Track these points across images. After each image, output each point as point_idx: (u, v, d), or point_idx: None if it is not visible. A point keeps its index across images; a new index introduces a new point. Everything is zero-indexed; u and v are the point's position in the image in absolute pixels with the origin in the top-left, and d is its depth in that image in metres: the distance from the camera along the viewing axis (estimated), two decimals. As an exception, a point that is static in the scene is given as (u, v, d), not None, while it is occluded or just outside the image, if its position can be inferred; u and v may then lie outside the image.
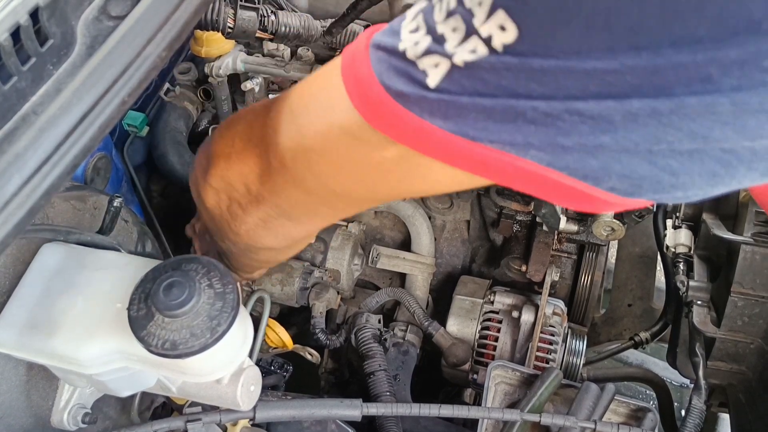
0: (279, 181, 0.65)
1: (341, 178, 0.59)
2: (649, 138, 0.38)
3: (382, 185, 0.57)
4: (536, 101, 0.39)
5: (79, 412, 0.87)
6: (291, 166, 0.62)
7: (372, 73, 0.47)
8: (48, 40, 0.58)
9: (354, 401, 0.86)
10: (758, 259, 1.03)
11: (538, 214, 1.18)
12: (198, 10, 0.66)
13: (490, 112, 0.41)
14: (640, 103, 0.37)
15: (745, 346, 1.08)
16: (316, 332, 1.34)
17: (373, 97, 0.47)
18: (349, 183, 0.59)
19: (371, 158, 0.53)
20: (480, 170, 0.45)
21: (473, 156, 0.44)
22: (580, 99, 0.38)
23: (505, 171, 0.43)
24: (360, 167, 0.56)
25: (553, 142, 0.40)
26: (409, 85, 0.44)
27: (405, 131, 0.46)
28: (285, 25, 1.10)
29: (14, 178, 0.53)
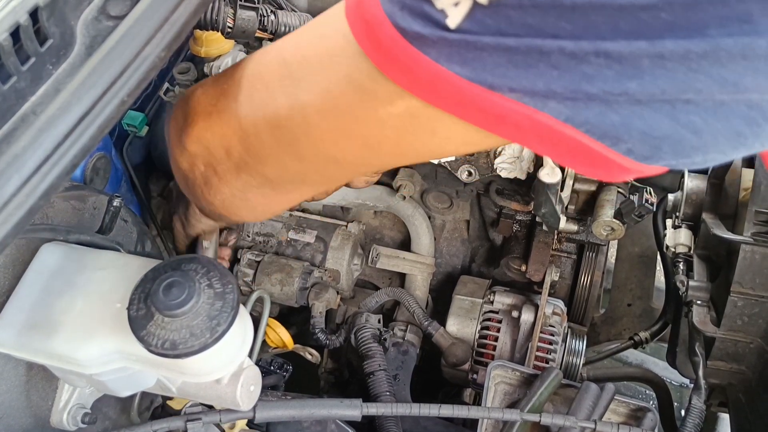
0: (268, 144, 0.58)
1: (340, 138, 0.53)
2: (677, 85, 0.36)
3: (388, 145, 0.52)
4: (563, 41, 0.37)
5: (79, 412, 0.87)
6: (286, 128, 0.55)
7: (383, 14, 0.42)
8: (47, 40, 0.58)
9: (354, 401, 0.86)
10: (758, 259, 1.03)
11: (538, 213, 1.17)
12: (197, 9, 0.66)
13: (512, 55, 0.38)
14: (672, 44, 0.35)
15: (745, 346, 1.08)
16: (316, 332, 1.34)
17: (385, 40, 0.42)
18: (348, 145, 0.54)
19: (377, 114, 0.48)
20: (495, 125, 0.42)
21: (489, 108, 0.41)
22: (609, 39, 0.36)
23: (521, 125, 0.41)
24: (363, 125, 0.50)
25: (576, 89, 0.38)
26: (426, 26, 0.40)
27: (419, 78, 0.42)
28: (285, 24, 1.10)
29: (13, 178, 0.53)
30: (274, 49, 0.57)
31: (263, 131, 0.57)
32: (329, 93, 0.50)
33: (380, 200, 1.43)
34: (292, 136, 0.55)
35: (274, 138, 0.57)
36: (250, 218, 0.70)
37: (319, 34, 0.52)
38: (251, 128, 0.59)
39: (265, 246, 1.46)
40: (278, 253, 1.45)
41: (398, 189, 1.39)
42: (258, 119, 0.58)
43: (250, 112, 0.58)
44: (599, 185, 1.23)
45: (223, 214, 0.69)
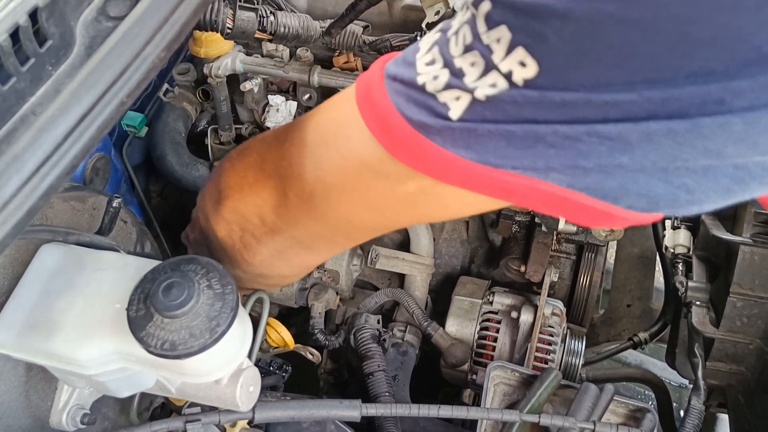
0: (297, 213, 0.65)
1: (362, 211, 0.59)
2: (666, 156, 0.40)
3: (404, 215, 0.58)
4: (557, 125, 0.41)
5: (78, 412, 0.87)
6: (309, 201, 0.62)
7: (391, 105, 0.47)
8: (47, 41, 0.58)
9: (353, 402, 0.86)
10: (757, 260, 1.03)
11: (537, 214, 1.18)
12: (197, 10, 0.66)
13: (511, 139, 0.42)
14: (657, 125, 0.38)
15: (744, 347, 1.08)
16: (315, 333, 1.34)
17: (394, 129, 0.47)
18: (370, 216, 0.60)
19: (394, 191, 0.53)
20: (503, 195, 0.46)
21: (496, 182, 0.45)
22: (600, 123, 0.39)
23: (528, 195, 0.45)
24: (382, 200, 0.56)
25: (573, 165, 0.42)
26: (431, 117, 0.45)
27: (428, 162, 0.46)
28: (284, 25, 1.10)
29: (13, 179, 0.53)
30: (296, 128, 0.64)
31: (292, 201, 0.64)
32: (346, 173, 0.56)
33: (380, 201, 1.43)
34: (316, 206, 0.61)
35: (301, 207, 0.63)
36: (288, 272, 0.77)
37: (335, 118, 0.58)
38: (281, 199, 0.65)
39: (264, 247, 1.45)
40: (278, 253, 1.44)
41: (398, 190, 1.40)
42: (286, 191, 0.64)
43: (278, 185, 0.65)
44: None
45: (263, 272, 0.76)
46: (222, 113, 1.35)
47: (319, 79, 1.20)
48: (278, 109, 1.29)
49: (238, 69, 1.26)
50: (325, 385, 1.45)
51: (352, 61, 1.22)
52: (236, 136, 1.41)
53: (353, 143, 0.53)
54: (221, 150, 1.42)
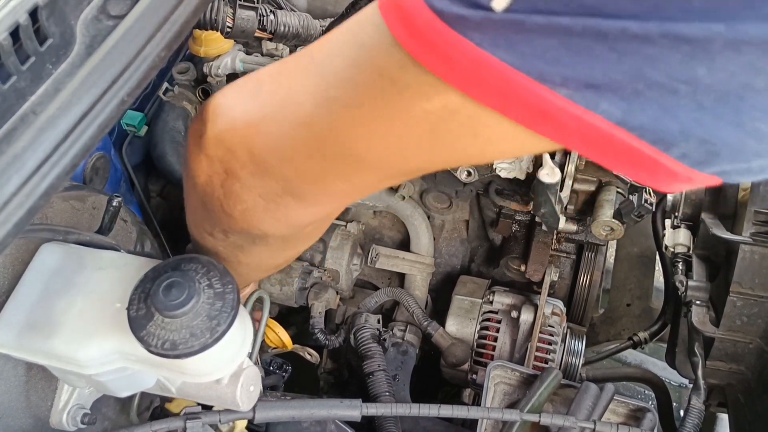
0: (290, 142, 0.55)
1: (368, 136, 0.48)
2: (749, 70, 0.33)
3: (418, 148, 0.47)
4: (627, 21, 0.33)
5: (78, 412, 0.87)
6: (308, 127, 0.51)
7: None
8: (47, 40, 0.58)
9: (353, 401, 0.86)
10: (757, 259, 1.03)
11: (537, 213, 1.17)
12: (197, 9, 0.66)
13: (566, 37, 0.34)
14: (754, 28, 0.31)
15: (744, 346, 1.08)
16: (315, 332, 1.34)
17: (420, 25, 0.38)
18: (376, 144, 0.49)
19: (411, 110, 0.43)
20: (539, 123, 0.38)
21: (535, 103, 0.37)
22: (681, 20, 0.32)
23: (568, 126, 0.37)
24: (395, 122, 0.45)
25: (636, 75, 0.34)
26: (467, 6, 0.36)
27: (459, 66, 0.38)
28: (284, 24, 1.10)
29: (13, 178, 0.53)
30: (303, 49, 0.54)
31: (287, 129, 0.53)
32: (357, 86, 0.46)
33: (379, 200, 1.43)
34: (316, 133, 0.51)
35: (298, 135, 0.53)
36: (273, 230, 0.65)
37: (348, 27, 0.47)
38: (274, 126, 0.55)
39: (264, 246, 1.45)
40: (277, 253, 1.44)
41: (397, 189, 1.39)
42: (282, 116, 0.54)
43: (273, 110, 0.54)
44: (599, 185, 1.23)
45: (244, 227, 0.65)
46: (222, 112, 1.35)
47: (319, 78, 1.21)
48: (278, 108, 1.29)
49: (238, 68, 1.26)
50: (325, 384, 1.45)
51: (352, 61, 1.22)
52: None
53: (369, 49, 0.43)
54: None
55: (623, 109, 0.35)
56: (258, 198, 0.61)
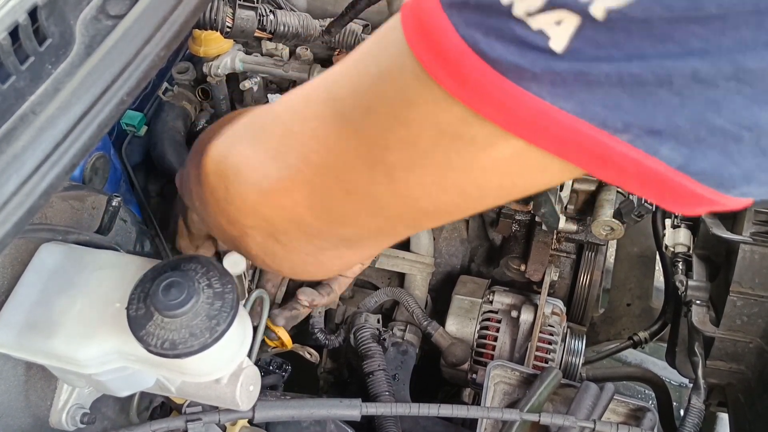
0: (343, 208, 0.50)
1: (433, 191, 0.45)
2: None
3: (488, 191, 0.44)
4: (696, 60, 0.31)
5: (78, 412, 0.87)
6: (362, 188, 0.47)
7: (462, 43, 0.36)
8: (46, 40, 0.58)
9: (353, 401, 0.86)
10: (757, 259, 1.03)
11: (537, 213, 1.17)
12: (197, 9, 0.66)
13: (629, 82, 0.33)
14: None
15: (744, 346, 1.08)
16: (315, 332, 1.34)
17: (472, 75, 0.36)
18: (443, 196, 0.45)
19: (478, 160, 0.41)
20: (599, 167, 0.37)
21: (596, 150, 0.35)
22: (751, 50, 0.30)
23: (627, 170, 0.36)
24: (461, 173, 0.43)
25: (698, 122, 0.33)
26: (522, 53, 0.34)
27: (521, 118, 0.36)
28: (284, 24, 1.10)
29: (13, 178, 0.53)
30: (319, 97, 0.48)
31: (338, 196, 0.49)
32: (418, 147, 0.42)
33: (379, 200, 1.43)
34: (377, 199, 0.47)
35: (353, 201, 0.49)
36: (321, 275, 0.62)
37: (378, 75, 0.43)
38: (321, 194, 0.49)
39: (264, 246, 1.45)
40: (277, 252, 1.44)
41: (397, 189, 1.39)
42: (328, 184, 0.48)
43: (313, 175, 0.49)
44: (599, 185, 1.23)
45: (292, 276, 0.62)
46: (221, 112, 1.35)
47: (319, 78, 1.21)
48: (278, 108, 1.29)
49: (238, 68, 1.26)
50: (325, 384, 1.45)
51: (352, 60, 1.22)
52: (236, 135, 1.41)
53: (421, 106, 0.40)
54: (221, 149, 1.41)
55: (685, 155, 0.34)
56: (306, 256, 0.57)
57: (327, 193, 0.49)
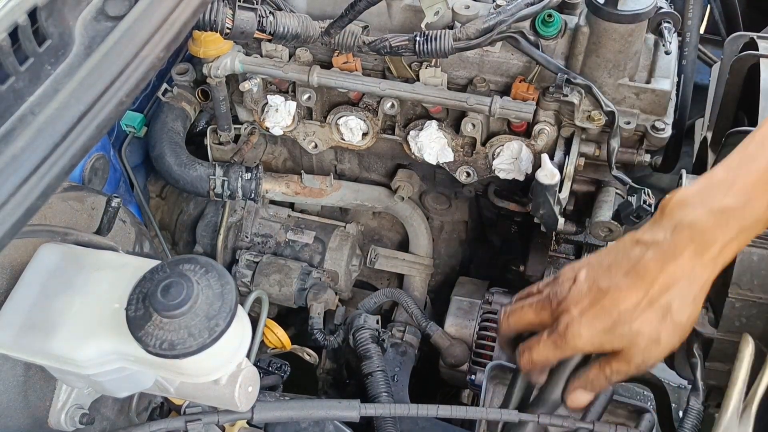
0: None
1: None
2: None
3: None
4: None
5: (77, 412, 0.87)
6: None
7: None
8: (46, 40, 0.58)
9: (352, 402, 0.86)
10: (756, 260, 1.03)
11: (536, 215, 1.17)
12: (196, 10, 0.66)
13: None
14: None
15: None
16: (314, 333, 1.34)
17: None
18: None
19: None
20: None
21: None
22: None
23: None
24: None
25: None
26: None
27: None
28: (283, 25, 1.10)
29: (12, 178, 0.53)
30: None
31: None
32: None
33: (379, 201, 1.43)
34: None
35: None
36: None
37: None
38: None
39: (263, 247, 1.46)
40: (276, 253, 1.45)
41: (396, 190, 1.40)
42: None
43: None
44: (597, 186, 1.23)
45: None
46: (221, 113, 1.35)
47: (318, 79, 1.20)
48: (277, 109, 1.29)
49: (238, 69, 1.26)
50: (324, 385, 1.45)
51: (352, 62, 1.22)
52: (235, 136, 1.41)
53: None
54: (220, 150, 1.42)
55: None
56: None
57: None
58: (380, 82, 1.19)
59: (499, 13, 1.12)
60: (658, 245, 0.69)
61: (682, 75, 1.36)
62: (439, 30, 1.12)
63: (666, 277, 0.68)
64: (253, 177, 1.39)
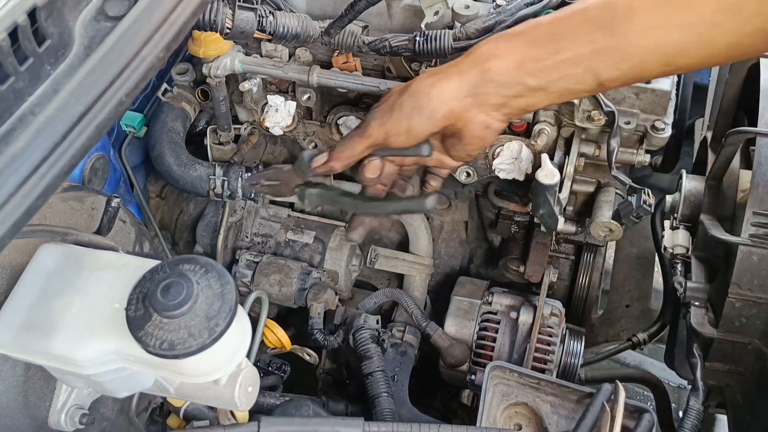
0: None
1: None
2: None
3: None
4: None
5: (77, 413, 0.87)
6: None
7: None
8: (46, 41, 0.58)
9: (355, 420, 0.87)
10: (755, 260, 1.03)
11: (536, 214, 1.17)
12: (196, 10, 0.66)
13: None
14: None
15: (743, 347, 1.08)
16: (314, 333, 1.34)
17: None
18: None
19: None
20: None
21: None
22: None
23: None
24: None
25: None
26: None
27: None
28: (283, 25, 1.10)
29: (11, 179, 0.53)
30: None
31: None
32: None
33: (379, 201, 1.43)
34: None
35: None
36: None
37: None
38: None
39: (263, 247, 1.46)
40: (276, 253, 1.45)
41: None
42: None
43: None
44: (597, 186, 1.23)
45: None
46: (221, 113, 1.35)
47: (318, 79, 1.20)
48: (277, 109, 1.29)
49: (237, 69, 1.26)
50: (324, 385, 1.45)
51: (351, 62, 1.22)
52: (235, 136, 1.41)
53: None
54: (220, 150, 1.42)
55: None
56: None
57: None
58: (380, 82, 1.19)
59: (499, 13, 1.12)
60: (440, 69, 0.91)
61: (681, 75, 1.36)
62: (439, 30, 1.12)
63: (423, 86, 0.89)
64: (253, 177, 1.39)
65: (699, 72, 1.56)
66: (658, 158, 1.47)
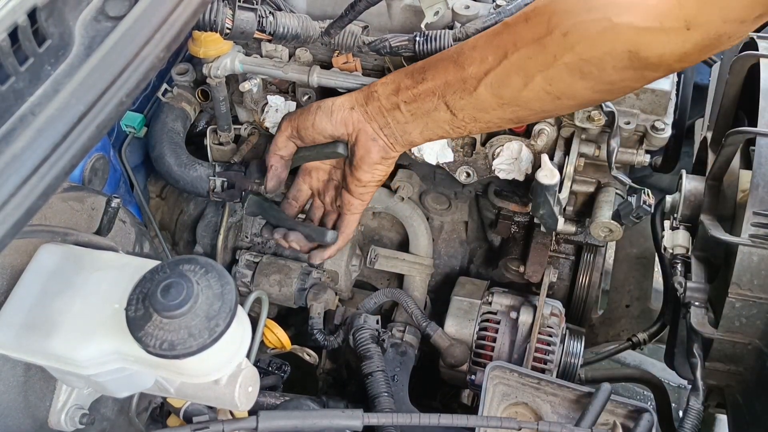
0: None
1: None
2: None
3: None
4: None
5: (77, 413, 0.87)
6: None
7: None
8: (46, 41, 0.58)
9: (355, 411, 0.87)
10: (756, 260, 1.03)
11: (536, 215, 1.17)
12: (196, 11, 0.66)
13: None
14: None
15: (743, 347, 1.08)
16: (314, 333, 1.34)
17: None
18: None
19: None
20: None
21: None
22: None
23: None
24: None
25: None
26: None
27: None
28: (283, 26, 1.10)
29: (12, 179, 0.53)
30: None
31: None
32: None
33: (379, 201, 1.43)
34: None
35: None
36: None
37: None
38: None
39: (263, 247, 1.46)
40: (276, 254, 1.45)
41: (396, 190, 1.39)
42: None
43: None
44: (597, 186, 1.23)
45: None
46: (221, 113, 1.35)
47: (318, 79, 1.20)
48: (277, 109, 1.29)
49: (237, 69, 1.26)
50: (324, 385, 1.45)
51: (352, 62, 1.22)
52: (235, 136, 1.41)
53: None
54: (220, 150, 1.42)
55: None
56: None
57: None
58: (380, 83, 1.19)
59: (499, 13, 1.11)
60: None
61: (682, 75, 1.36)
62: (439, 30, 1.12)
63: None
64: (253, 177, 1.39)
65: (699, 72, 1.56)
66: (658, 158, 1.47)
